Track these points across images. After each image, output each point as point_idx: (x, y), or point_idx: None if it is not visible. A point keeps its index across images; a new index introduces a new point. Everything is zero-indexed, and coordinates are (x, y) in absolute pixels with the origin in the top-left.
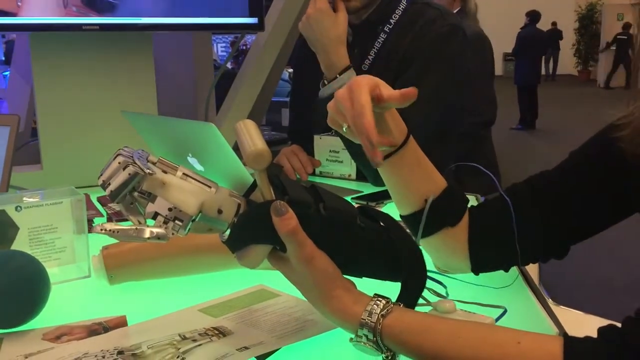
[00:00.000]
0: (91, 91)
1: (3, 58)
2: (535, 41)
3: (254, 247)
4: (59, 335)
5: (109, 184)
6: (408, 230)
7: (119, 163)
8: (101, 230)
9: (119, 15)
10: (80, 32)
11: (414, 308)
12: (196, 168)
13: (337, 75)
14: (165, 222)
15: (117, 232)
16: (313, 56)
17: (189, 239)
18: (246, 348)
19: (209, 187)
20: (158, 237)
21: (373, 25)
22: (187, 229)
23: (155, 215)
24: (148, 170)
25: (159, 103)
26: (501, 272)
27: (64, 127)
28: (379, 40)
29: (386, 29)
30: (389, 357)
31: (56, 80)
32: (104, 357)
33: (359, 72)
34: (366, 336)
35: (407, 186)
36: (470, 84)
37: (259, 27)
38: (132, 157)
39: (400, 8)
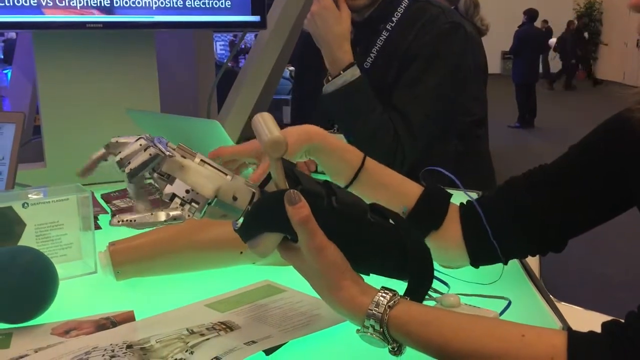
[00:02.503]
0: (94, 89)
1: (2, 56)
2: (533, 39)
3: (266, 235)
4: (67, 330)
5: (129, 162)
6: None
7: (141, 145)
8: (118, 222)
9: (122, 13)
10: (83, 30)
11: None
12: None
13: (341, 72)
14: (182, 204)
15: (134, 221)
16: (315, 52)
17: (196, 235)
18: (254, 342)
19: (225, 174)
20: (174, 218)
21: (375, 23)
22: (203, 212)
23: (172, 197)
24: (168, 153)
25: (161, 101)
26: (501, 265)
27: (68, 125)
28: (381, 38)
29: (388, 27)
30: (395, 349)
31: (59, 78)
32: (113, 350)
33: (362, 69)
34: (373, 327)
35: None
36: (471, 82)
37: (261, 25)
38: (152, 141)
39: (402, 6)
